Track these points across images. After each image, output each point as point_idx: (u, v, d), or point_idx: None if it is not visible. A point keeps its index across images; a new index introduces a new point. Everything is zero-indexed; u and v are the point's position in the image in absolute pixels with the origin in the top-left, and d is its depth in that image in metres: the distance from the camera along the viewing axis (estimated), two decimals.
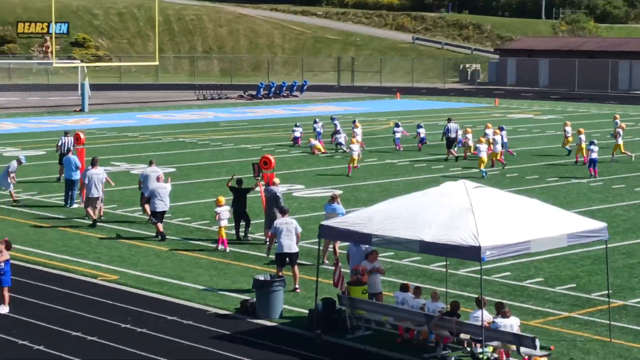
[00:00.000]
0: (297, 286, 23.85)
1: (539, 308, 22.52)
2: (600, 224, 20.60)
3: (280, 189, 29.20)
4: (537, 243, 19.31)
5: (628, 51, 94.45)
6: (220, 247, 28.25)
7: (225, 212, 28.53)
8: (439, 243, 18.91)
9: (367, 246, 21.46)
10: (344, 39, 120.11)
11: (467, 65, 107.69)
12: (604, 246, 20.74)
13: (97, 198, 32.02)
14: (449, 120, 48.05)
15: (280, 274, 23.36)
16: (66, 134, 41.02)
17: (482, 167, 41.81)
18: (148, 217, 31.09)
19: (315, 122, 52.38)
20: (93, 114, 70.16)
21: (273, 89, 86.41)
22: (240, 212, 29.32)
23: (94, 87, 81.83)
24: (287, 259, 23.97)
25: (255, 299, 22.07)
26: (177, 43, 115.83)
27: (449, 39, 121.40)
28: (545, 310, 22.34)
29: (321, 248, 23.76)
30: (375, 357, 19.38)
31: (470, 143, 46.91)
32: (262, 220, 29.50)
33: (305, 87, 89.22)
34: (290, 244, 23.88)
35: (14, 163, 35.98)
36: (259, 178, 30.30)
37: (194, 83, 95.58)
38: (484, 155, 42.07)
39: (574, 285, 24.43)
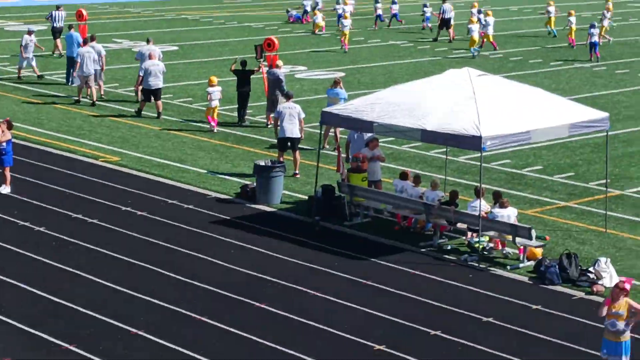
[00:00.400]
0: (297, 171, 23.96)
1: (536, 197, 22.66)
2: (602, 114, 20.60)
3: (283, 71, 29.06)
4: (538, 133, 19.36)
5: None
6: (215, 128, 28.27)
7: (217, 92, 28.42)
8: (441, 132, 18.93)
9: (368, 133, 21.47)
10: None
11: None
12: (605, 134, 20.77)
13: (89, 76, 31.79)
14: (444, 0, 47.44)
15: (281, 159, 23.45)
16: (58, 7, 40.59)
17: (472, 47, 41.73)
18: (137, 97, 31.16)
19: None
20: None
21: None
22: (244, 95, 29.18)
23: None
24: (289, 144, 24.03)
25: (255, 184, 22.20)
26: None
27: None
28: (543, 199, 22.49)
29: (322, 133, 23.79)
30: (372, 244, 19.60)
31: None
32: (262, 103, 29.44)
33: None
34: (292, 129, 23.90)
35: (25, 36, 35.42)
36: (262, 60, 30.12)
37: None
38: (475, 35, 41.95)
39: (573, 173, 24.53)
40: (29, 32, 35.61)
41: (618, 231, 20.36)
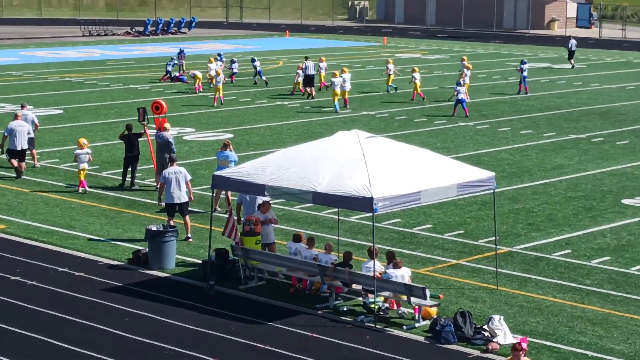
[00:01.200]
0: (189, 235, 23.81)
1: (428, 255, 22.95)
2: (488, 174, 21.03)
3: (171, 133, 28.90)
4: (427, 193, 19.63)
5: None
6: (81, 189, 28.22)
7: (84, 154, 28.44)
8: (332, 194, 19.08)
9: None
10: None
11: (356, 2, 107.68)
12: (492, 192, 21.18)
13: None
14: (307, 58, 48.58)
15: (172, 223, 23.28)
16: None
17: (335, 101, 43.04)
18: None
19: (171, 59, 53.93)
20: None
21: (160, 26, 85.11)
22: (133, 159, 28.98)
23: None
24: (177, 208, 23.87)
25: (147, 249, 21.97)
26: None
27: None
28: (435, 258, 22.79)
29: (213, 196, 23.69)
30: (268, 307, 19.54)
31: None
32: (151, 166, 29.25)
33: (193, 23, 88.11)
34: (180, 194, 23.76)
35: None
36: (145, 122, 29.88)
37: (79, 18, 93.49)
38: (337, 89, 43.25)
39: (462, 231, 24.93)
40: None
41: (509, 288, 20.74)
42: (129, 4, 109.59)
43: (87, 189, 28.35)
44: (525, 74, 49.12)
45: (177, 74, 52.65)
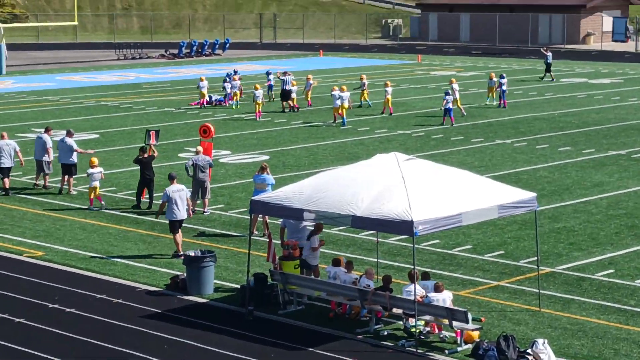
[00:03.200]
0: (180, 252, 23.88)
1: (468, 277, 22.65)
2: (529, 194, 20.71)
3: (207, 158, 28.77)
4: (468, 215, 19.37)
5: (547, 5, 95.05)
6: (95, 207, 29.05)
7: (96, 173, 29.20)
8: (371, 218, 18.85)
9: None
10: None
11: (389, 20, 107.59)
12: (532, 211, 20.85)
13: (9, 168, 31.96)
14: (285, 73, 49.65)
15: (177, 239, 24.04)
16: None
17: (339, 114, 44.40)
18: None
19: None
20: (11, 76, 68.64)
21: (195, 48, 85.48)
22: (147, 182, 29.08)
23: (11, 47, 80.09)
24: (178, 224, 24.17)
25: (185, 275, 21.84)
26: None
27: None
28: (475, 280, 22.48)
29: (251, 219, 23.48)
30: (307, 332, 19.32)
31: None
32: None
33: (227, 45, 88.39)
34: (182, 212, 24.16)
35: None
36: (154, 144, 29.95)
37: (113, 42, 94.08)
38: (345, 103, 44.47)
39: (502, 252, 24.60)
40: None
41: (552, 310, 20.39)
42: (163, 27, 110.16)
43: (94, 207, 29.03)
44: (504, 87, 49.85)
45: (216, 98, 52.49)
